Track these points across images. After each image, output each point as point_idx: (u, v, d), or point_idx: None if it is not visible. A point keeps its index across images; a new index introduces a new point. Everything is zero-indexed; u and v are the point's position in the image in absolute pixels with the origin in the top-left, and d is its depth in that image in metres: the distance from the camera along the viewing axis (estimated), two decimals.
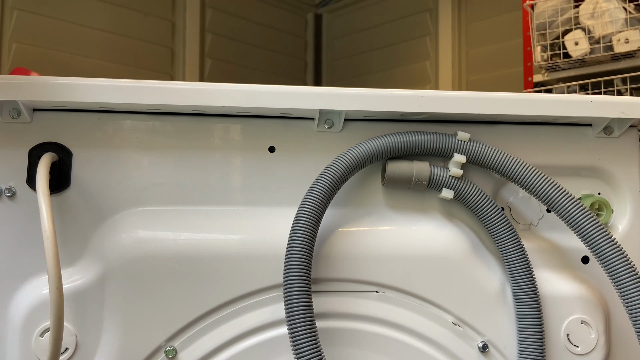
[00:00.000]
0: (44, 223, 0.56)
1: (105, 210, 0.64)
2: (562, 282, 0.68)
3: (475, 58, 2.93)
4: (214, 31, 3.10)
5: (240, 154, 0.67)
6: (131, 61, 2.75)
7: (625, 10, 1.77)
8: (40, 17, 2.45)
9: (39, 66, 2.35)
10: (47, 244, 0.55)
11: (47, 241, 0.55)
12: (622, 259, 0.59)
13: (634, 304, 0.59)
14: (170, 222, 0.64)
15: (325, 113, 0.65)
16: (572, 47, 1.85)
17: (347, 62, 3.60)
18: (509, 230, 0.65)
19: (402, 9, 3.25)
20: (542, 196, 0.63)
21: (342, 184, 0.63)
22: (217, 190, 0.66)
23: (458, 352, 0.65)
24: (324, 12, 3.71)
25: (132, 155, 0.65)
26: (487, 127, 0.70)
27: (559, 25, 1.88)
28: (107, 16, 2.68)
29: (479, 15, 2.91)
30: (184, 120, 0.66)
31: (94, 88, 0.60)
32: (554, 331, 0.66)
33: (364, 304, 0.64)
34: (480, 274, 0.66)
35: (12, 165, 0.63)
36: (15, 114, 0.62)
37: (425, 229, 0.67)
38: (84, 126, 0.64)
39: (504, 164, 0.64)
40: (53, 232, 0.56)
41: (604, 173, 0.71)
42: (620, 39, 1.77)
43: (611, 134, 0.71)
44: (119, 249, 0.62)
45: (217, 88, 0.61)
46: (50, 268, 0.55)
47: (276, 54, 3.45)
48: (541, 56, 1.94)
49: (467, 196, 0.65)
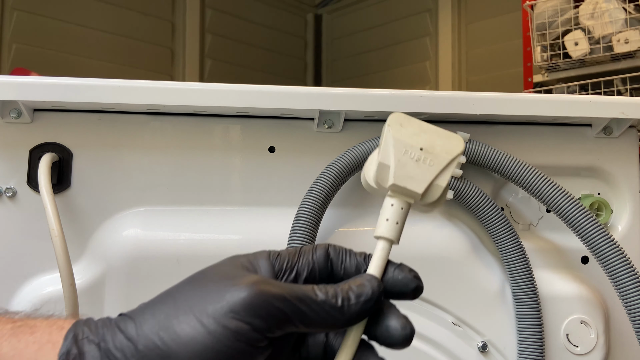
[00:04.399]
0: (51, 222, 0.56)
1: (106, 210, 0.64)
2: (562, 282, 0.68)
3: (475, 58, 2.93)
4: (214, 31, 3.10)
5: (240, 154, 0.67)
6: (131, 61, 2.75)
7: (625, 10, 1.77)
8: (40, 17, 2.45)
9: (39, 66, 2.35)
10: (55, 242, 0.56)
11: (55, 239, 0.56)
12: (622, 259, 0.59)
13: (633, 304, 0.59)
14: (170, 222, 0.64)
15: (325, 113, 0.65)
16: (572, 48, 1.85)
17: (347, 62, 3.60)
18: (509, 231, 0.65)
19: (402, 9, 3.25)
20: (542, 196, 0.63)
21: (342, 184, 0.63)
22: (217, 191, 0.66)
23: (458, 352, 0.65)
24: (324, 12, 3.71)
25: (132, 155, 0.65)
26: (487, 127, 0.70)
27: (558, 26, 1.88)
28: (107, 16, 2.68)
29: (479, 15, 2.91)
30: (184, 120, 0.66)
31: (94, 88, 0.60)
32: (554, 331, 0.66)
33: None
34: (480, 274, 0.66)
35: (13, 165, 0.63)
36: (15, 114, 0.62)
37: (425, 229, 0.67)
38: (84, 126, 0.64)
39: (503, 164, 0.64)
40: (61, 230, 0.56)
41: (604, 173, 0.71)
42: (620, 39, 1.77)
43: (611, 134, 0.71)
44: (119, 249, 0.62)
45: (217, 88, 0.61)
46: (61, 265, 0.55)
47: (276, 54, 3.46)
48: (541, 56, 1.94)
49: (466, 196, 0.65)
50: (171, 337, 0.29)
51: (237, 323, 0.29)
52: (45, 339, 0.30)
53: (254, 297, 0.29)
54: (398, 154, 0.36)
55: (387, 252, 0.35)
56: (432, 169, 0.36)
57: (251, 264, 0.33)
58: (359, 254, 0.35)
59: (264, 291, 0.30)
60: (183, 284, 0.32)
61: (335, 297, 0.31)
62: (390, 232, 0.35)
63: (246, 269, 0.32)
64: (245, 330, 0.29)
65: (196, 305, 0.30)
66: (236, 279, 0.30)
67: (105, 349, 0.30)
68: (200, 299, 0.30)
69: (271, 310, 0.29)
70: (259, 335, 0.29)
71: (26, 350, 0.30)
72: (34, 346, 0.30)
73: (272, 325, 0.30)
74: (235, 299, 0.29)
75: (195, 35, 3.00)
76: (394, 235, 0.35)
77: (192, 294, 0.31)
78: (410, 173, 0.36)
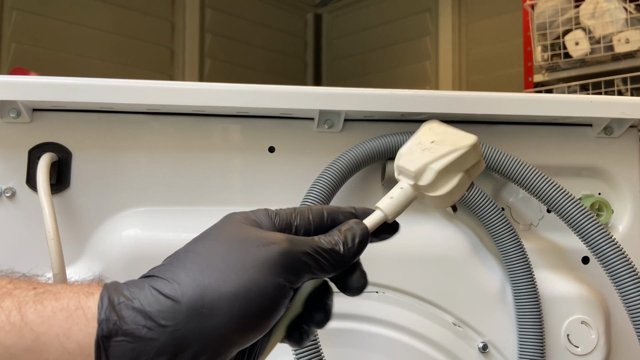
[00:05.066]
0: (47, 223, 0.56)
1: (105, 211, 0.64)
2: (562, 282, 0.68)
3: (476, 58, 2.92)
4: (214, 31, 3.09)
5: (240, 154, 0.67)
6: (131, 61, 2.75)
7: (625, 10, 1.77)
8: (39, 17, 2.45)
9: (38, 66, 2.35)
10: (51, 245, 0.55)
11: (51, 242, 0.55)
12: (622, 259, 0.59)
13: (634, 304, 0.58)
14: (170, 222, 0.64)
15: (325, 113, 0.65)
16: (572, 47, 1.85)
17: (347, 62, 3.59)
18: (509, 231, 0.65)
19: (402, 9, 3.25)
20: (542, 196, 0.63)
21: (342, 184, 0.63)
22: (217, 191, 0.66)
23: (458, 353, 0.65)
24: (324, 12, 3.71)
25: (132, 155, 0.65)
26: (487, 127, 0.69)
27: (559, 25, 1.87)
28: (107, 16, 2.68)
29: (479, 15, 2.91)
30: (184, 120, 0.66)
31: (93, 88, 0.59)
32: (554, 331, 0.66)
33: (364, 305, 0.64)
34: (480, 274, 0.66)
35: (12, 165, 0.63)
36: (14, 114, 0.61)
37: (425, 229, 0.67)
38: (84, 126, 0.64)
39: (504, 164, 0.64)
40: (57, 233, 0.56)
41: (604, 173, 0.71)
42: (620, 39, 1.77)
43: (611, 134, 0.70)
44: (118, 249, 0.62)
45: (217, 88, 0.61)
46: (55, 268, 0.55)
47: (276, 54, 3.45)
48: (541, 56, 1.94)
49: (467, 196, 0.65)
50: (214, 295, 0.30)
51: (276, 278, 0.32)
52: (74, 305, 0.29)
53: (286, 255, 0.32)
54: (412, 145, 0.41)
55: (378, 218, 0.39)
56: (432, 155, 0.40)
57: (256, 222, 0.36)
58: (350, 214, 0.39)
59: (293, 249, 0.33)
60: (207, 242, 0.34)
61: (337, 244, 0.35)
62: (387, 206, 0.39)
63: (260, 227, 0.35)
64: (282, 284, 0.32)
65: (232, 262, 0.31)
66: (264, 238, 0.33)
67: (145, 312, 0.29)
68: (235, 259, 0.32)
69: (301, 265, 0.33)
70: (291, 287, 0.33)
71: (54, 317, 0.29)
72: (63, 313, 0.29)
73: (302, 277, 0.33)
74: (271, 257, 0.32)
75: (195, 35, 3.00)
76: (389, 209, 0.39)
77: (224, 252, 0.32)
78: (413, 157, 0.40)
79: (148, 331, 0.29)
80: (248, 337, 0.31)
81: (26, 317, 0.28)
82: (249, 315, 0.31)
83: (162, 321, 0.29)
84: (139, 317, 0.29)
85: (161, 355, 0.29)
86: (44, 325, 0.28)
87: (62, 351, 0.28)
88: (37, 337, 0.28)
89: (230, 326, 0.30)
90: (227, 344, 0.31)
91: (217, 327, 0.30)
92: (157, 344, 0.29)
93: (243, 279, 0.31)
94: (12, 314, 0.28)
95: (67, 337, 0.28)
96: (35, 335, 0.28)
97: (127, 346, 0.29)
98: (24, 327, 0.28)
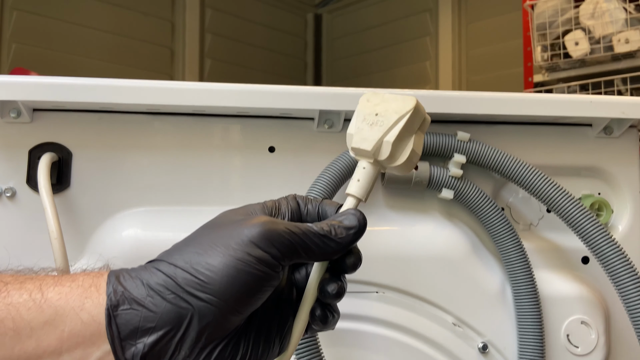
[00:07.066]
0: (50, 223, 0.56)
1: (105, 210, 0.64)
2: (562, 282, 0.68)
3: (476, 58, 2.92)
4: (214, 31, 3.09)
5: (240, 154, 0.67)
6: (131, 61, 2.75)
7: (625, 10, 1.77)
8: (39, 17, 2.45)
9: (39, 66, 2.35)
10: (54, 244, 0.55)
11: (54, 241, 0.55)
12: (622, 259, 0.59)
13: (634, 304, 0.59)
14: (170, 222, 0.64)
15: (325, 113, 0.65)
16: (572, 47, 1.85)
17: (347, 62, 3.59)
18: (509, 231, 0.65)
19: (402, 9, 3.25)
20: (542, 196, 0.63)
21: (343, 184, 0.63)
22: (217, 191, 0.66)
23: (458, 353, 0.65)
24: (324, 12, 3.71)
25: (132, 155, 0.65)
26: (487, 127, 0.69)
27: (559, 26, 1.87)
28: (107, 16, 2.68)
29: (479, 15, 2.91)
30: (184, 120, 0.66)
31: (94, 88, 0.60)
32: (554, 332, 0.66)
33: (364, 305, 0.64)
34: (480, 274, 0.66)
35: (12, 165, 0.63)
36: (15, 114, 0.61)
37: (425, 229, 0.67)
38: (84, 126, 0.64)
39: (504, 164, 0.64)
40: (60, 232, 0.56)
41: (604, 173, 0.71)
42: (620, 39, 1.77)
43: (611, 134, 0.71)
44: (118, 249, 0.62)
45: (217, 88, 0.61)
46: (59, 267, 0.55)
47: (276, 54, 3.45)
48: (541, 56, 1.94)
49: (467, 196, 0.65)
50: (205, 267, 0.33)
51: (258, 251, 0.34)
52: (88, 284, 0.33)
53: (267, 231, 0.35)
54: (358, 122, 0.42)
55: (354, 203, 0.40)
56: (381, 128, 0.41)
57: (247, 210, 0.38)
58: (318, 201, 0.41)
59: (275, 227, 0.35)
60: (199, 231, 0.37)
61: (329, 231, 0.37)
62: (357, 190, 0.41)
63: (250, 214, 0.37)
64: (265, 257, 0.34)
65: (219, 241, 0.35)
66: (248, 220, 0.36)
67: (148, 284, 0.33)
68: (221, 237, 0.35)
69: (283, 241, 0.35)
70: (275, 262, 0.35)
71: (71, 293, 0.33)
72: (79, 290, 0.33)
73: (285, 253, 0.35)
74: (253, 233, 0.34)
75: (195, 35, 3.00)
76: (360, 192, 0.41)
77: (213, 235, 0.36)
78: (364, 135, 0.41)
79: (151, 300, 0.33)
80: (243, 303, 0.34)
81: (46, 295, 0.32)
82: (240, 283, 0.33)
83: (162, 293, 0.33)
84: (142, 288, 0.33)
85: (165, 325, 0.33)
86: (62, 300, 0.32)
87: (76, 321, 0.32)
88: (55, 310, 0.32)
89: (224, 296, 0.33)
90: (224, 311, 0.33)
91: (212, 297, 0.33)
92: (160, 313, 0.33)
93: (229, 253, 0.34)
94: (33, 292, 0.32)
95: (81, 309, 0.32)
96: (53, 309, 0.32)
97: (133, 313, 0.32)
98: (44, 304, 0.32)
